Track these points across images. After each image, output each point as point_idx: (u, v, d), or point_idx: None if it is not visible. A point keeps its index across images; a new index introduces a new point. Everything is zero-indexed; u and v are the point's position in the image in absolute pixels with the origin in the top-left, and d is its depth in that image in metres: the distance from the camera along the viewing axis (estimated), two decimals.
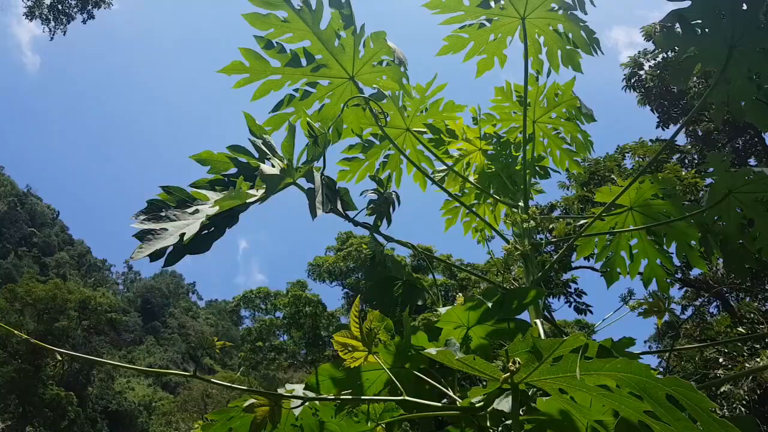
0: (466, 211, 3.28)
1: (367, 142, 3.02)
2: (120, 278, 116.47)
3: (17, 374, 36.13)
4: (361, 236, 27.85)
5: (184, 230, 1.49)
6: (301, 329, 27.03)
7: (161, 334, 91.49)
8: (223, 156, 1.86)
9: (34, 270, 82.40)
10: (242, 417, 1.79)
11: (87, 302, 41.35)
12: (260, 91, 2.44)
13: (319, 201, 1.77)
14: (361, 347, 1.57)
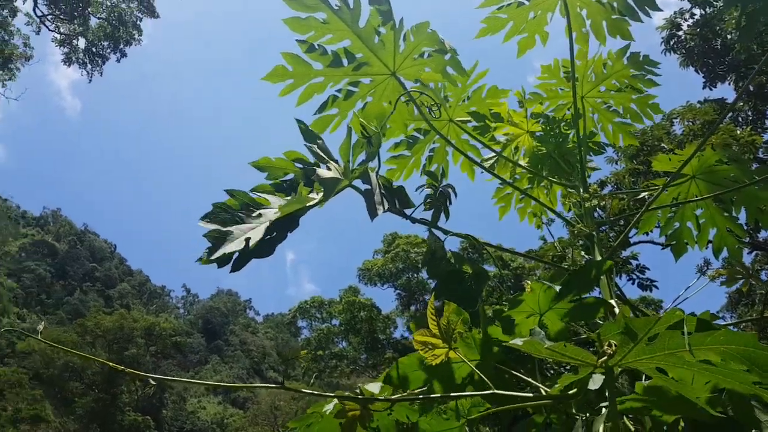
0: (520, 197, 3.20)
1: (412, 138, 2.97)
2: (180, 302, 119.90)
3: (96, 404, 37.58)
4: (406, 236, 27.84)
5: (250, 234, 1.51)
6: (358, 334, 27.18)
7: (225, 352, 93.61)
8: (280, 162, 1.88)
9: (100, 303, 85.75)
10: (320, 422, 1.81)
11: (152, 328, 42.73)
12: (304, 95, 2.45)
13: (378, 201, 1.77)
14: (442, 344, 1.54)
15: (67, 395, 42.67)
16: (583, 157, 2.67)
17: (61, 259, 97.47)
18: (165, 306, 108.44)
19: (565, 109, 3.11)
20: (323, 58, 2.37)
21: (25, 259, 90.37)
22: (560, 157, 2.85)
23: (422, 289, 27.78)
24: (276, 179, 1.88)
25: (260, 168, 1.87)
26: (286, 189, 1.84)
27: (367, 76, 2.50)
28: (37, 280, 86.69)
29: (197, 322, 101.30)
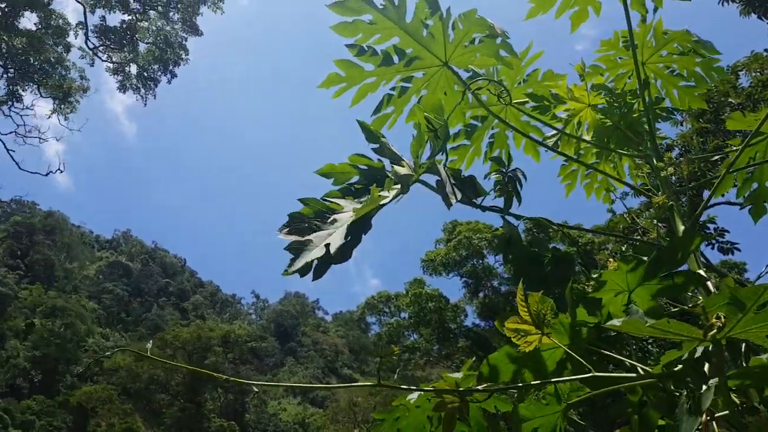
0: (586, 172, 3.13)
1: (470, 127, 2.95)
2: (251, 308, 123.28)
3: (182, 413, 39.15)
4: (467, 223, 27.61)
5: (329, 240, 1.52)
6: (428, 326, 27.16)
7: (299, 354, 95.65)
8: (344, 166, 1.89)
9: (176, 316, 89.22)
10: (407, 416, 1.83)
11: (228, 336, 44.12)
12: (358, 97, 2.47)
13: (450, 192, 1.77)
14: (534, 330, 1.52)
15: (154, 407, 44.71)
16: (652, 125, 2.57)
17: (135, 277, 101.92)
18: (237, 313, 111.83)
19: (625, 78, 3.01)
20: (373, 59, 2.38)
21: (103, 280, 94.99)
22: (627, 128, 2.76)
23: (489, 275, 27.49)
24: (342, 183, 1.88)
25: (325, 174, 1.88)
26: (355, 192, 1.84)
27: (419, 69, 2.49)
28: (116, 299, 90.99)
29: (269, 326, 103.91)
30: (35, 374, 57.44)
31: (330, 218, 1.63)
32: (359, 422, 33.13)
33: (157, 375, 41.02)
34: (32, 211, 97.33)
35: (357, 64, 2.37)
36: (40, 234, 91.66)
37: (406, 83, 2.53)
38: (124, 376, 43.25)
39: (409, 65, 2.45)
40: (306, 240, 1.54)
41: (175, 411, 39.05)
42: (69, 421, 51.59)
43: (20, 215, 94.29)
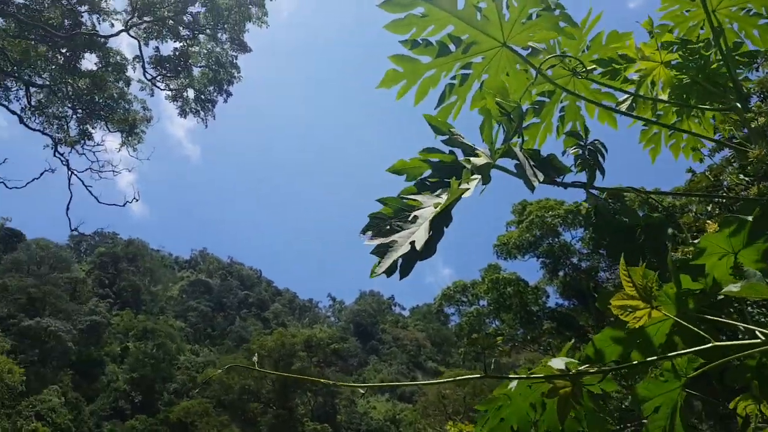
0: (669, 133, 2.99)
1: (537, 104, 2.87)
2: (329, 311, 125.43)
3: (276, 419, 40.33)
4: (537, 201, 26.98)
5: (413, 238, 1.52)
6: (509, 311, 26.74)
7: (381, 351, 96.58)
8: (416, 161, 1.88)
9: (259, 326, 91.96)
10: (510, 405, 1.83)
11: (310, 340, 45.09)
12: (420, 93, 2.43)
13: (531, 174, 1.75)
14: (642, 304, 1.48)
15: (249, 416, 46.27)
16: (734, 74, 2.41)
17: (216, 293, 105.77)
18: (316, 317, 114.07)
19: (697, 30, 2.84)
20: (430, 51, 2.34)
21: (187, 299, 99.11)
22: (706, 81, 2.60)
23: (567, 253, 26.75)
24: (415, 179, 1.87)
25: (397, 171, 1.88)
26: (430, 186, 1.83)
27: (478, 54, 2.44)
28: (201, 316, 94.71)
29: (349, 327, 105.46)
30: (135, 395, 60.66)
31: (410, 215, 1.62)
32: (450, 414, 33.11)
33: (247, 385, 42.46)
34: (114, 241, 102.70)
35: (413, 57, 2.34)
36: (124, 262, 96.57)
37: (467, 70, 2.48)
38: (217, 389, 45.02)
39: (467, 51, 2.39)
40: (391, 241, 1.54)
41: (270, 418, 40.29)
42: None
43: (104, 246, 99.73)
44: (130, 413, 57.76)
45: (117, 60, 24.50)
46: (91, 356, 62.99)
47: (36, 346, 55.90)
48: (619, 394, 20.23)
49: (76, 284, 78.75)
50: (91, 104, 24.56)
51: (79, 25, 22.93)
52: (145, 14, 22.97)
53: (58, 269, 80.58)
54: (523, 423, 1.87)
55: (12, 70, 23.19)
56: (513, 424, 1.88)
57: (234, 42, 26.00)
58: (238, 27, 24.68)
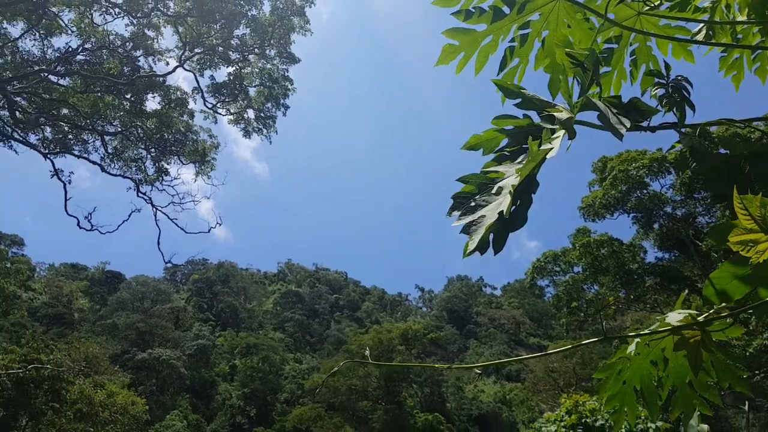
0: (752, 57, 2.73)
1: (605, 51, 2.67)
2: (419, 302, 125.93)
3: (387, 415, 40.72)
4: (617, 155, 25.65)
5: (502, 209, 1.49)
6: (607, 273, 25.57)
7: (479, 334, 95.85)
8: (489, 132, 1.84)
9: (354, 326, 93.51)
10: (630, 367, 1.85)
11: (406, 333, 45.19)
12: (480, 61, 2.34)
13: (616, 122, 1.68)
14: (764, 237, 1.39)
15: (360, 415, 46.98)
16: None
17: (308, 300, 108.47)
18: (408, 310, 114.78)
19: None
20: (484, 17, 2.25)
21: (282, 311, 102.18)
22: None
23: (659, 203, 25.27)
24: (492, 151, 1.83)
25: (472, 147, 1.85)
26: (510, 156, 1.78)
27: (534, 11, 2.33)
28: (297, 325, 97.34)
29: (442, 314, 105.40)
30: (249, 409, 63.11)
31: (494, 188, 1.61)
32: (561, 387, 32.20)
33: (354, 385, 43.08)
34: (205, 266, 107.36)
35: (468, 28, 2.25)
36: (218, 284, 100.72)
37: (525, 30, 2.38)
38: (325, 393, 46.01)
39: (522, 11, 2.29)
40: (478, 217, 1.54)
41: (380, 414, 40.73)
42: None
43: (197, 273, 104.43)
44: (248, 427, 60.14)
45: (177, 95, 25.25)
46: (203, 378, 66.07)
47: (152, 376, 59.19)
48: (740, 342, 18.83)
49: (178, 313, 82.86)
50: (161, 142, 25.46)
51: (138, 69, 23.77)
52: (195, 46, 23.49)
53: (159, 301, 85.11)
54: (646, 382, 1.87)
55: (86, 124, 24.39)
56: (636, 385, 1.88)
57: (282, 55, 26.19)
58: (284, 40, 24.83)
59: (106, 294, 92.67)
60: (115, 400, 34.15)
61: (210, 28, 23.23)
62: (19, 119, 23.54)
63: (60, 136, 24.78)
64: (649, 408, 1.92)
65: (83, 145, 25.11)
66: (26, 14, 21.95)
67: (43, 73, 22.14)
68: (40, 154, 23.85)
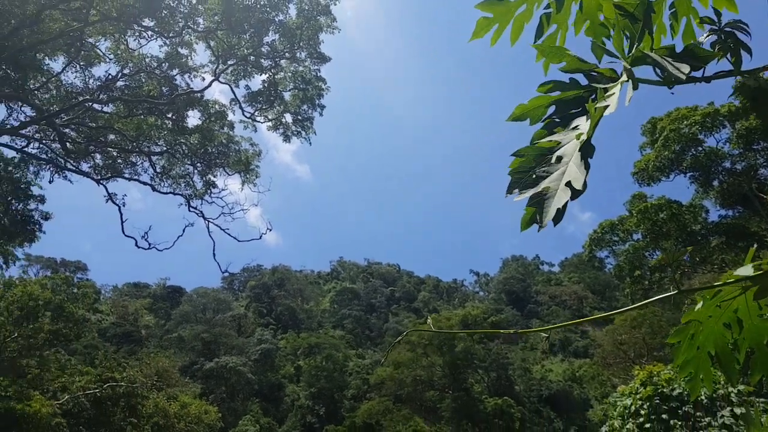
0: None
1: None
2: (475, 287, 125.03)
3: (455, 402, 40.62)
4: (666, 115, 24.66)
5: (567, 178, 1.46)
6: (668, 237, 24.64)
7: (541, 314, 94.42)
8: (536, 100, 1.77)
9: (412, 317, 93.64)
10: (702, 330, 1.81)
11: (466, 319, 44.90)
12: (515, 32, 2.25)
13: (673, 69, 1.61)
14: None
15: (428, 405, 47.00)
16: None
17: (364, 296, 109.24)
18: (465, 296, 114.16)
19: None
20: None
21: (339, 309, 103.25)
22: None
23: (716, 159, 24.19)
24: (539, 120, 1.76)
25: (518, 118, 1.78)
26: (561, 122, 1.71)
27: None
28: (355, 321, 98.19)
29: (500, 297, 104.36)
30: (318, 408, 64.05)
31: (553, 157, 1.55)
32: (632, 359, 31.37)
33: (419, 376, 43.13)
34: (260, 272, 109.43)
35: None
36: (274, 289, 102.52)
37: None
38: (391, 386, 46.23)
39: None
40: (543, 189, 1.49)
41: (449, 403, 40.65)
42: None
43: (253, 279, 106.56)
44: (319, 426, 61.07)
45: (216, 109, 25.67)
46: (270, 381, 67.44)
47: (221, 383, 60.77)
48: None
49: (240, 320, 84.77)
50: (206, 156, 25.95)
51: (176, 88, 24.26)
52: (228, 59, 23.79)
53: (220, 311, 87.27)
54: (721, 346, 1.83)
55: (132, 147, 25.08)
56: (710, 350, 1.84)
57: (313, 56, 26.24)
58: (313, 41, 24.87)
59: (169, 309, 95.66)
60: (188, 410, 35.18)
61: (240, 38, 23.47)
62: (70, 150, 24.40)
63: (110, 162, 25.56)
64: (726, 372, 1.88)
65: (132, 167, 25.86)
66: (65, 48, 22.67)
67: (87, 102, 22.84)
68: (93, 180, 24.70)
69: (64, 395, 31.60)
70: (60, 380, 33.18)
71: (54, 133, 23.78)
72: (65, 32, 20.66)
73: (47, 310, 30.26)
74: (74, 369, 36.00)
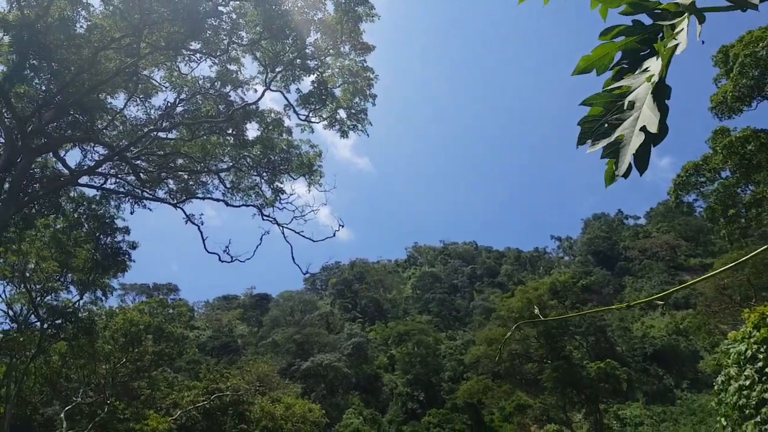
0: None
1: None
2: (559, 252, 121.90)
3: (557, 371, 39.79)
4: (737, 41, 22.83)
5: (641, 123, 1.41)
6: (760, 169, 22.80)
7: (633, 269, 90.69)
8: (600, 49, 1.69)
9: (498, 292, 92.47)
10: None
11: (554, 287, 43.86)
12: None
13: None
14: None
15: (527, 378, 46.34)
16: None
17: (444, 278, 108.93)
18: (549, 263, 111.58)
19: None
20: None
21: (422, 294, 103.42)
22: None
23: None
24: (605, 69, 1.68)
25: (584, 70, 1.69)
26: (629, 67, 1.64)
27: None
28: (440, 303, 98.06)
29: (587, 259, 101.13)
30: (417, 394, 64.51)
31: (625, 103, 1.49)
32: (739, 303, 29.55)
33: (514, 350, 42.52)
34: (339, 269, 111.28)
35: None
36: (355, 283, 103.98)
37: None
38: (487, 364, 45.87)
39: None
40: (617, 137, 1.45)
41: (550, 373, 39.84)
42: (466, 419, 56.53)
43: (334, 277, 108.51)
44: (421, 411, 61.53)
45: (272, 117, 26.03)
46: (366, 373, 68.52)
47: (320, 381, 62.28)
48: None
49: (327, 317, 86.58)
50: (270, 164, 26.41)
51: (231, 104, 24.79)
52: (275, 66, 24.02)
53: (307, 311, 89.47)
54: None
55: (201, 167, 25.88)
56: None
57: (356, 48, 26.07)
58: (354, 33, 24.68)
59: (259, 316, 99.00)
60: (293, 411, 36.20)
61: (283, 44, 23.62)
62: (144, 180, 25.46)
63: (182, 185, 26.49)
64: None
65: (204, 187, 26.72)
66: (123, 84, 23.60)
67: (152, 132, 23.70)
68: (170, 205, 25.68)
69: (177, 411, 33.27)
70: (170, 397, 34.97)
71: (127, 167, 24.88)
72: (121, 69, 21.47)
73: (148, 333, 31.86)
74: (182, 385, 37.86)
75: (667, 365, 55.98)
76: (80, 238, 25.79)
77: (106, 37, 20.44)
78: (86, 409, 29.87)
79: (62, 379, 30.73)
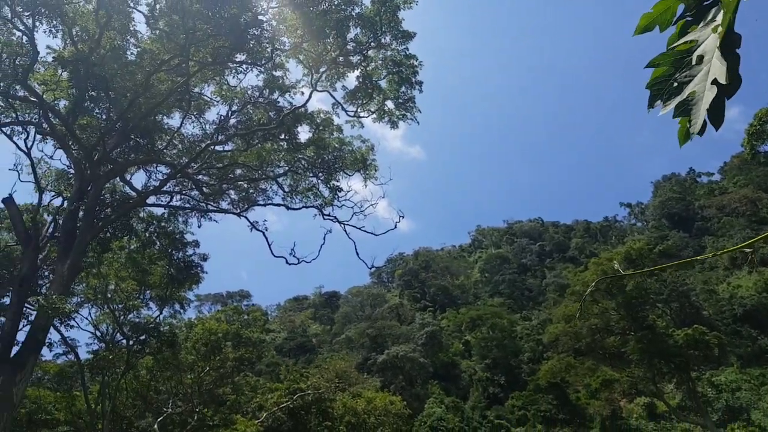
0: None
1: None
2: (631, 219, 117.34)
3: (641, 342, 38.40)
4: None
5: (711, 77, 1.35)
6: None
7: (712, 229, 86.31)
8: (661, 5, 1.62)
9: (570, 266, 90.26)
10: None
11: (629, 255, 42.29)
12: None
13: None
14: None
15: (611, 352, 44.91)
16: None
17: (512, 258, 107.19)
18: (622, 232, 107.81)
19: None
20: None
21: (491, 277, 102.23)
22: None
23: None
24: (668, 24, 1.61)
25: (646, 28, 1.64)
26: (694, 19, 1.55)
27: None
28: (511, 284, 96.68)
29: (661, 223, 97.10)
30: (497, 378, 63.87)
31: (693, 57, 1.43)
32: None
33: (593, 325, 41.31)
34: (404, 259, 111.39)
35: None
36: (421, 272, 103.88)
37: None
38: (567, 341, 44.77)
39: None
40: (689, 94, 1.40)
41: (634, 345, 38.48)
42: (551, 399, 55.52)
43: (399, 268, 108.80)
44: (503, 395, 60.90)
45: (322, 117, 26.16)
46: (443, 361, 68.39)
47: (398, 373, 62.61)
48: None
49: (397, 309, 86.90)
50: (324, 164, 26.57)
51: (281, 110, 25.09)
52: (319, 67, 24.09)
53: (377, 305, 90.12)
54: None
55: (259, 175, 26.36)
56: None
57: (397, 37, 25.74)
58: (394, 22, 24.40)
59: (330, 314, 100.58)
60: (375, 404, 36.49)
61: (325, 44, 23.64)
62: (207, 193, 26.16)
63: (243, 194, 27.07)
64: None
65: (264, 193, 27.20)
66: (177, 104, 24.27)
67: (209, 147, 24.27)
68: (234, 214, 26.30)
69: (262, 413, 34.20)
70: (255, 400, 35.99)
71: (190, 183, 25.63)
72: (173, 89, 22.06)
73: (227, 340, 32.83)
74: (264, 387, 38.89)
75: (761, 325, 53.00)
76: (154, 256, 26.82)
77: (155, 61, 21.02)
78: (177, 418, 31.12)
79: (152, 392, 32.12)
